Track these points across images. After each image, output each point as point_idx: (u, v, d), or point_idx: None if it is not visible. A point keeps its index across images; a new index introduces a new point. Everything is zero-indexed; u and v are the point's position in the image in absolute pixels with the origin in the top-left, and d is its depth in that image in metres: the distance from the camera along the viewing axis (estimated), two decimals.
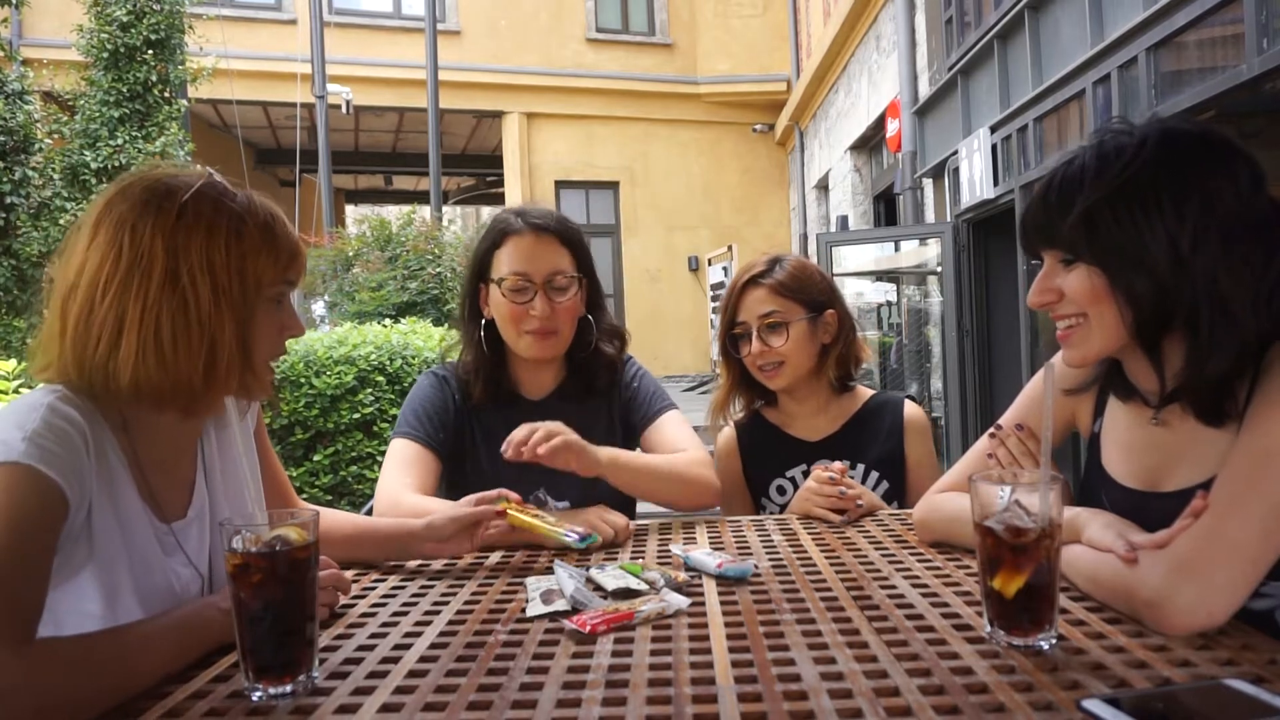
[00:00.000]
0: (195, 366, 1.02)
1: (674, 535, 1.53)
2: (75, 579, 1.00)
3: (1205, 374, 1.00)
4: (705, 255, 12.80)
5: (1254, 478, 0.94)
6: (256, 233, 1.06)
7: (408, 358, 4.64)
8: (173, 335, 1.00)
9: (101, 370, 1.02)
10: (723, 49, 13.41)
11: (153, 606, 1.04)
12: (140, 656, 0.90)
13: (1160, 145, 1.02)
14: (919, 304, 7.77)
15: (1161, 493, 1.09)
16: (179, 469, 1.16)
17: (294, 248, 1.11)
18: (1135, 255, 1.01)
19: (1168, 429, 1.09)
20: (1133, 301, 1.02)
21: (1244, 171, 1.01)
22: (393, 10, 13.20)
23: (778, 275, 1.84)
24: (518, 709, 0.82)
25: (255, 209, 1.08)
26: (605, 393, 1.80)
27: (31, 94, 7.81)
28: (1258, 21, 3.17)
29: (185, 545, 1.13)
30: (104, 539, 1.02)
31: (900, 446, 1.85)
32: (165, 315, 1.00)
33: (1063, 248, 1.07)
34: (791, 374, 1.83)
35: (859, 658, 0.91)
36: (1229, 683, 0.79)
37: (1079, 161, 1.06)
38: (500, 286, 1.68)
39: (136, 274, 1.00)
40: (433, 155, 10.41)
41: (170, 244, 1.01)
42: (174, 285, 1.01)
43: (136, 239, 1.01)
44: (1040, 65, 5.21)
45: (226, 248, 1.03)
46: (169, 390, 1.03)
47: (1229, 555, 0.92)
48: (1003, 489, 0.94)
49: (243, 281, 1.05)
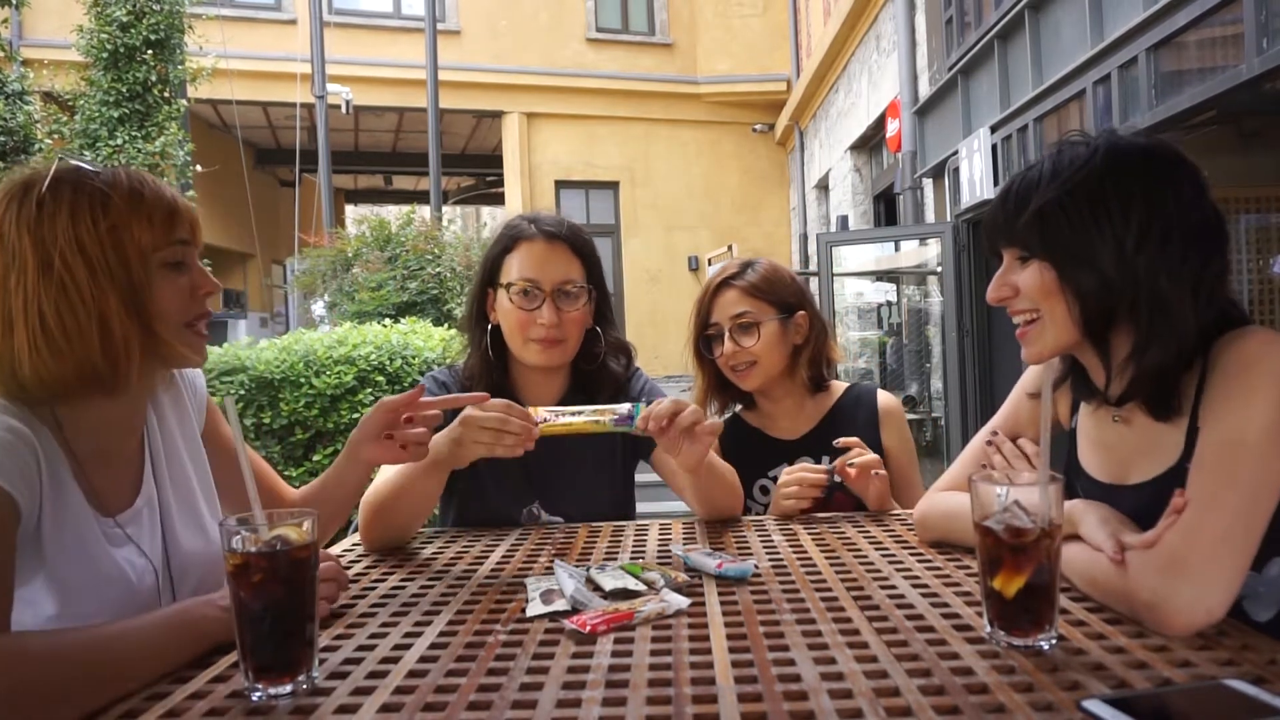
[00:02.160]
0: (91, 347, 1.03)
1: (674, 535, 1.53)
2: (30, 583, 1.01)
3: (1145, 363, 1.07)
4: (705, 255, 12.80)
5: (1225, 469, 0.98)
6: (123, 203, 1.06)
7: (408, 358, 4.63)
8: (59, 321, 1.01)
9: (6, 368, 1.03)
10: (723, 49, 13.41)
11: (106, 601, 1.04)
12: (120, 652, 0.90)
13: (1109, 154, 1.11)
14: (919, 304, 7.78)
15: (1126, 485, 1.15)
16: (122, 460, 1.16)
17: (169, 208, 1.10)
18: (1083, 253, 1.09)
19: (1127, 425, 1.16)
20: (1080, 296, 1.10)
21: (1185, 180, 1.09)
22: (393, 10, 13.20)
23: (749, 277, 1.87)
24: (518, 709, 0.82)
25: (119, 181, 1.08)
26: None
27: (31, 94, 7.81)
28: (1258, 21, 3.18)
29: (136, 536, 1.13)
30: (52, 540, 1.02)
31: (877, 436, 1.87)
32: (47, 304, 1.01)
33: (1018, 245, 1.15)
34: (763, 375, 1.85)
35: (859, 658, 0.91)
36: (1229, 683, 0.79)
37: (1038, 169, 1.15)
38: (509, 292, 1.65)
39: (13, 272, 1.02)
40: (433, 155, 10.41)
41: (36, 235, 1.02)
42: (48, 273, 1.02)
43: (4, 238, 1.03)
44: (1040, 65, 5.21)
45: (94, 224, 1.04)
46: (73, 376, 1.03)
47: (1216, 550, 0.94)
48: (1002, 489, 0.94)
49: (120, 253, 1.05)
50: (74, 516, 1.06)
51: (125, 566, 1.10)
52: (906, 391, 7.51)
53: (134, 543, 1.12)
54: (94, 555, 1.07)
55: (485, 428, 1.33)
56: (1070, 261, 1.09)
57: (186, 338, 1.13)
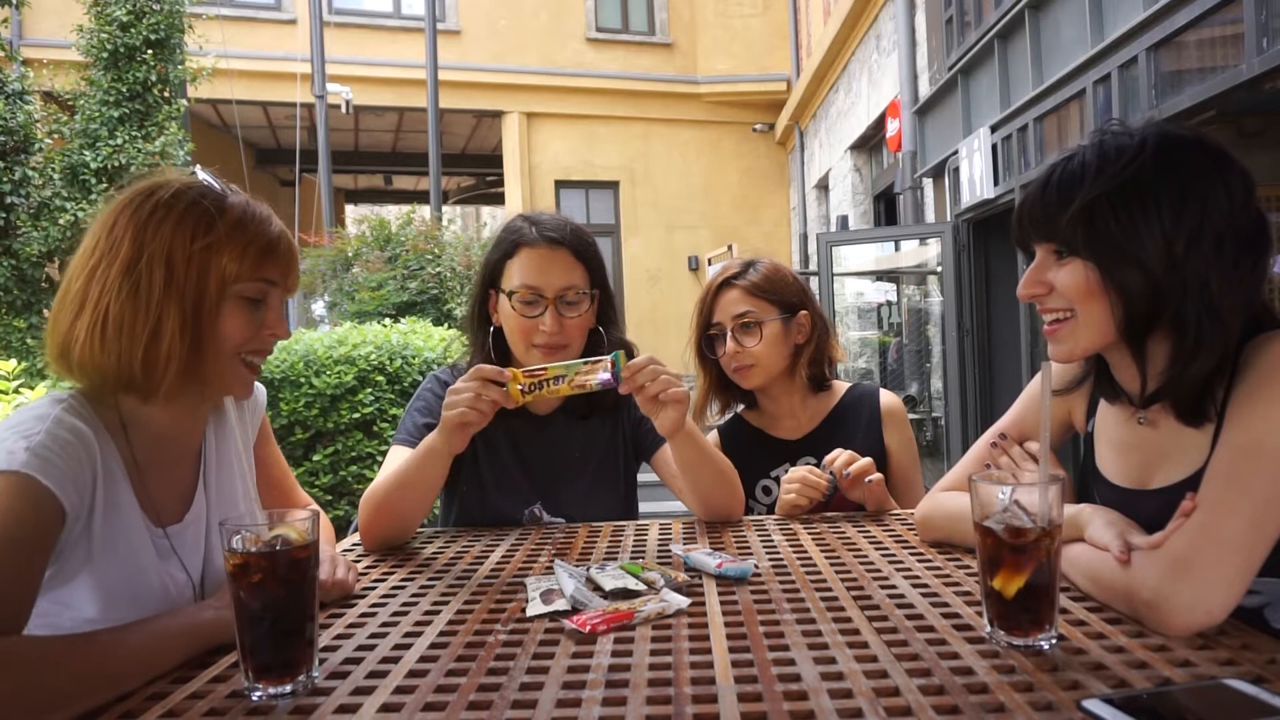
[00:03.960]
0: (135, 350, 1.04)
1: (674, 535, 1.53)
2: (71, 583, 1.02)
3: (1189, 374, 1.02)
4: (705, 255, 12.80)
5: (1240, 474, 0.96)
6: (225, 229, 1.08)
7: (407, 357, 4.63)
8: (119, 317, 1.04)
9: (62, 347, 1.06)
10: (723, 49, 13.41)
11: (146, 610, 1.04)
12: (113, 659, 0.90)
13: (1160, 148, 1.04)
14: (919, 304, 7.77)
15: (1149, 490, 1.11)
16: (178, 473, 1.17)
17: (267, 246, 1.11)
18: (1130, 252, 1.02)
19: (1153, 428, 1.12)
20: (1124, 297, 1.04)
21: (1237, 180, 1.03)
22: (392, 10, 13.19)
23: (751, 277, 1.86)
24: (518, 709, 0.82)
25: (233, 207, 1.10)
26: (612, 409, 1.77)
27: (31, 94, 7.81)
28: (1257, 21, 3.17)
29: (179, 550, 1.14)
30: (102, 545, 1.03)
31: (880, 437, 1.87)
32: (116, 299, 1.04)
33: (1058, 241, 1.08)
34: (764, 374, 1.85)
35: (859, 658, 0.91)
36: (1229, 683, 0.79)
37: (1079, 158, 1.08)
38: (511, 299, 1.64)
39: (104, 260, 1.05)
40: (433, 155, 10.40)
41: (138, 235, 1.05)
42: (131, 271, 1.04)
43: (113, 232, 1.06)
44: (1040, 65, 5.21)
45: (191, 240, 1.06)
46: (111, 372, 1.05)
47: (1221, 553, 0.93)
48: (1003, 489, 0.94)
49: (201, 274, 1.06)
50: (126, 523, 1.07)
51: (167, 580, 1.11)
52: (906, 391, 7.51)
53: (178, 556, 1.14)
54: (142, 565, 1.08)
55: (459, 393, 1.36)
56: (1116, 261, 1.03)
57: (235, 368, 1.13)
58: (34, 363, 6.86)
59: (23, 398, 3.53)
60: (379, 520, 1.49)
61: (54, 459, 0.97)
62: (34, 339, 7.55)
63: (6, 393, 3.51)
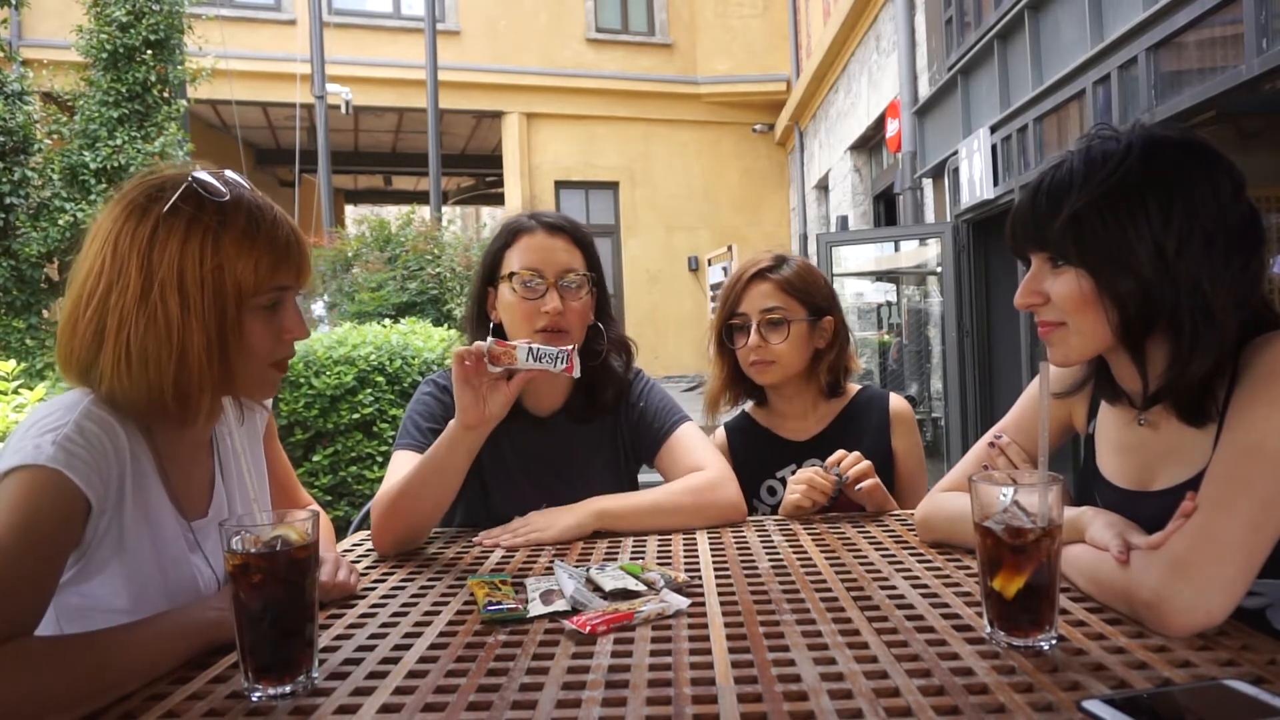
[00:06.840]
0: (165, 379, 1.02)
1: (673, 536, 1.52)
2: (102, 574, 1.02)
3: (1188, 375, 1.02)
4: (705, 255, 12.80)
5: (1241, 475, 0.96)
6: (233, 244, 1.04)
7: (407, 358, 4.63)
8: (143, 349, 1.01)
9: (86, 376, 1.04)
10: (723, 49, 13.41)
11: (178, 602, 1.06)
12: (117, 658, 0.90)
13: (1145, 151, 1.04)
14: (919, 304, 7.77)
15: (1150, 491, 1.11)
16: (197, 469, 1.18)
17: (280, 251, 1.08)
18: (1121, 258, 1.03)
19: (1154, 429, 1.12)
20: (1118, 303, 1.04)
21: (1224, 177, 1.03)
22: (392, 10, 13.20)
23: (784, 273, 1.85)
24: (518, 709, 0.82)
25: (237, 213, 1.06)
26: (612, 411, 1.77)
27: (31, 94, 7.81)
28: (1257, 21, 3.18)
29: (204, 544, 1.15)
30: (134, 537, 1.04)
31: (888, 441, 1.86)
32: (136, 330, 1.02)
33: (1051, 250, 1.09)
34: (781, 373, 1.84)
35: (859, 658, 0.91)
36: (1229, 683, 0.79)
37: (1066, 166, 1.08)
38: (511, 282, 1.63)
39: (115, 289, 1.02)
40: (432, 155, 10.41)
41: (144, 259, 1.02)
42: (145, 300, 1.02)
43: (118, 254, 1.03)
44: (1040, 65, 5.21)
45: (200, 261, 1.03)
46: (143, 401, 1.04)
47: (1221, 554, 0.93)
48: (1003, 490, 0.94)
49: (218, 294, 1.04)
50: (157, 514, 1.07)
51: (198, 571, 1.12)
52: (906, 392, 7.50)
53: (202, 551, 1.14)
54: (174, 556, 1.09)
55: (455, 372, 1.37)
56: (1109, 269, 1.03)
57: (265, 374, 1.12)
58: (33, 363, 6.86)
59: (22, 398, 3.52)
60: (396, 520, 1.46)
61: (79, 451, 0.96)
62: (33, 339, 7.55)
63: (6, 393, 3.51)
